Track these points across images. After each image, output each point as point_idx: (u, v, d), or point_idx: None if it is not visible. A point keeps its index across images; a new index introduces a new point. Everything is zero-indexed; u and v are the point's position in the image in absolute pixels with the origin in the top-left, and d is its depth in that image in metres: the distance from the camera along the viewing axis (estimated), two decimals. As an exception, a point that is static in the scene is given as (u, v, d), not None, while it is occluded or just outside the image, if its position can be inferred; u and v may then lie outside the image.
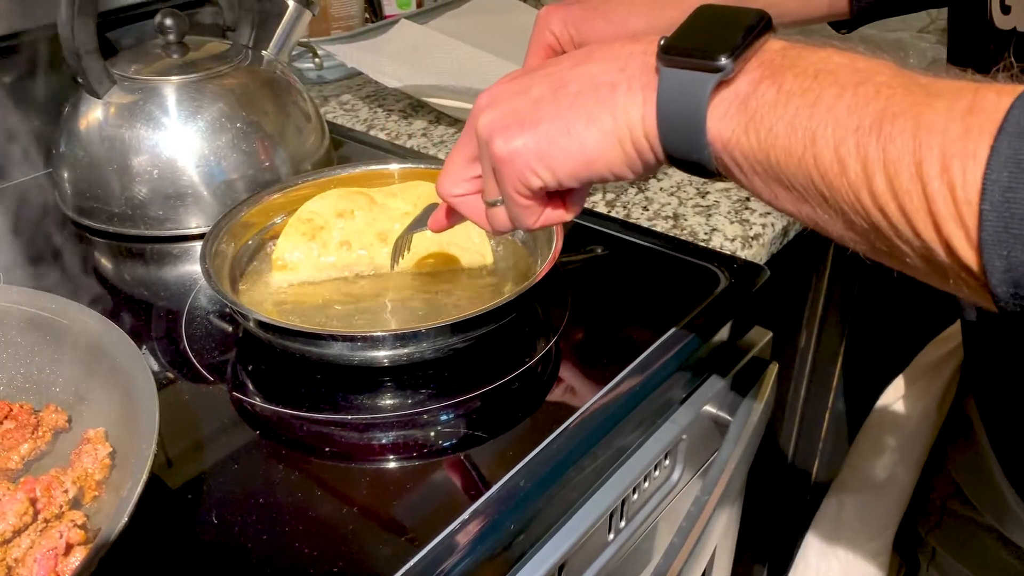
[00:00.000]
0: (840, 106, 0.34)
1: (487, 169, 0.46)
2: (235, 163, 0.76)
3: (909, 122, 0.32)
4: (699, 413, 0.63)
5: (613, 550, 0.58)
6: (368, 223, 0.68)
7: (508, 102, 0.44)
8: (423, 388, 0.58)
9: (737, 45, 0.38)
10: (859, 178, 0.34)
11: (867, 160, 0.33)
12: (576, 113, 0.42)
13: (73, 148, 0.77)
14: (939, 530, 0.76)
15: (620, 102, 0.41)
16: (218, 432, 0.55)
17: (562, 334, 0.63)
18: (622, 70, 0.42)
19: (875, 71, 0.35)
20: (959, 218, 0.31)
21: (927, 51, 1.15)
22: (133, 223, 0.76)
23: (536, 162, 0.43)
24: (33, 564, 0.43)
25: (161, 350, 0.63)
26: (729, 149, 0.38)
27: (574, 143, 0.42)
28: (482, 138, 0.45)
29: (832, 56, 0.37)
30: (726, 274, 0.68)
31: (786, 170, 0.36)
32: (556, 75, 0.44)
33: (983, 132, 0.31)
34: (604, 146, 0.42)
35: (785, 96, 0.36)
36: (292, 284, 0.66)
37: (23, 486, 0.47)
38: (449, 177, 0.50)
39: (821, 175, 0.35)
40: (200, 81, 0.76)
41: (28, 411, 0.53)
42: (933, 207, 0.32)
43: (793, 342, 1.02)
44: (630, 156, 0.42)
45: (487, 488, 0.49)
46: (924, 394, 0.79)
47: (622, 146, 0.42)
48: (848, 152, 0.34)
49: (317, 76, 1.12)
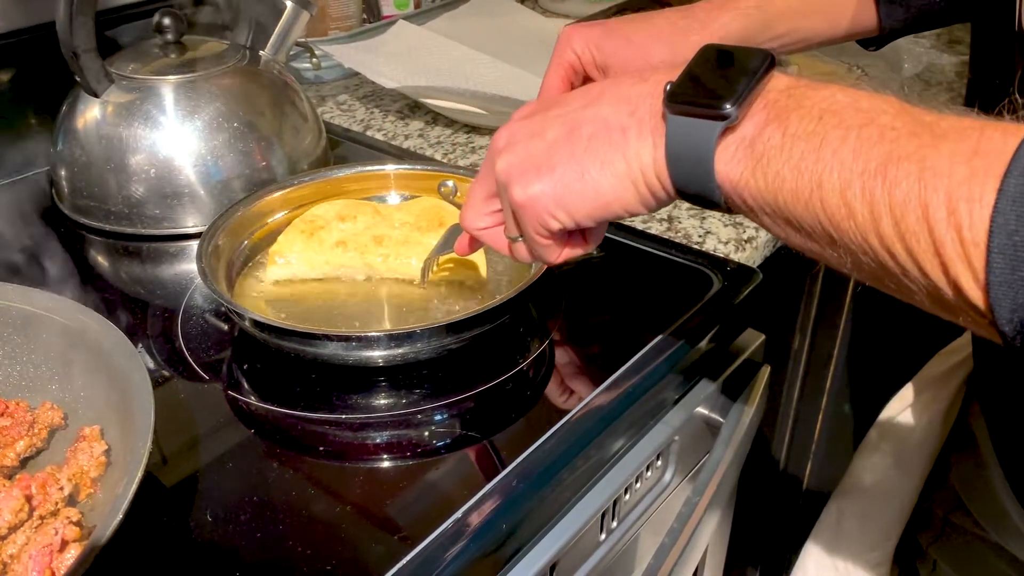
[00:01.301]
0: (845, 149, 0.35)
1: (507, 209, 0.48)
2: (232, 163, 0.76)
3: (914, 165, 0.33)
4: (691, 415, 0.63)
5: (604, 550, 0.58)
6: (367, 227, 0.68)
7: (524, 145, 0.45)
8: (417, 388, 0.58)
9: (741, 92, 0.38)
10: (866, 221, 0.34)
11: (874, 203, 0.33)
12: (590, 157, 0.43)
13: (70, 146, 0.77)
14: (940, 543, 0.76)
15: (631, 146, 0.42)
16: (213, 430, 0.56)
17: (556, 335, 0.63)
18: (632, 113, 0.42)
19: (879, 110, 0.35)
20: (967, 260, 0.31)
21: (922, 56, 1.16)
22: (130, 222, 0.76)
23: (554, 207, 0.44)
24: (28, 560, 0.43)
25: (157, 348, 0.63)
26: (738, 190, 0.39)
27: (589, 187, 0.43)
28: (500, 182, 0.46)
29: (836, 95, 0.37)
30: (719, 277, 0.68)
31: (794, 211, 0.37)
32: (569, 116, 0.45)
33: (988, 175, 0.31)
34: (618, 188, 0.43)
35: (791, 140, 0.37)
36: (284, 279, 0.67)
37: (19, 483, 0.47)
38: (471, 212, 0.51)
39: (828, 217, 0.35)
40: (197, 81, 0.76)
41: (24, 408, 0.54)
42: (940, 249, 0.32)
43: (786, 345, 1.02)
44: (644, 195, 0.43)
45: (480, 488, 0.50)
46: (930, 405, 0.79)
47: (636, 187, 0.43)
48: (854, 196, 0.34)
49: (314, 76, 1.12)
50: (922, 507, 0.79)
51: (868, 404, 1.08)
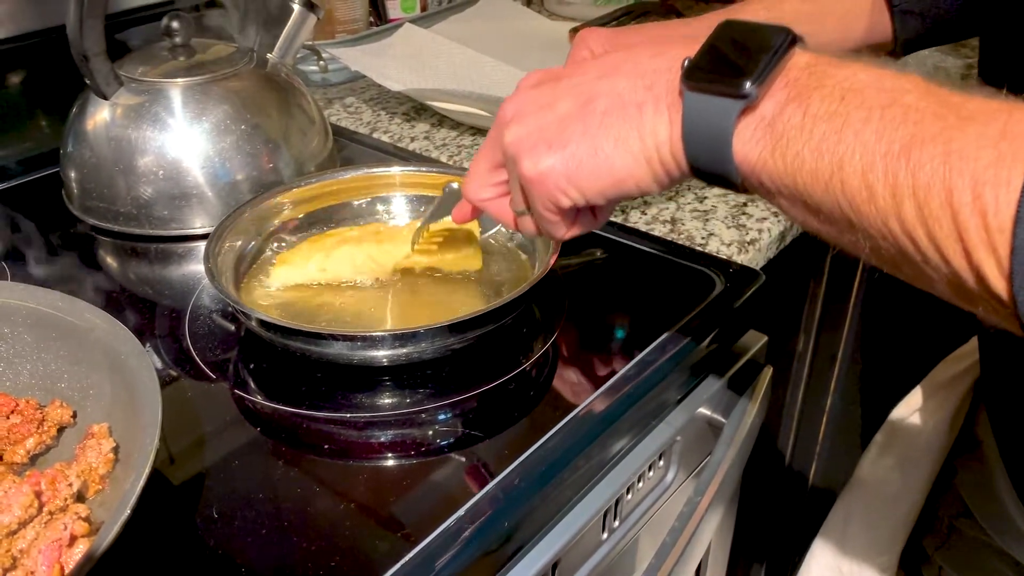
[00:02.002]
0: (868, 131, 0.34)
1: (515, 183, 0.46)
2: (239, 164, 0.77)
3: (939, 148, 0.32)
4: (693, 415, 0.64)
5: (606, 549, 0.59)
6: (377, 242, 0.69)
7: (534, 117, 0.44)
8: (421, 387, 0.59)
9: (762, 70, 0.37)
10: (888, 204, 0.33)
11: (896, 186, 0.32)
12: (604, 133, 0.42)
13: (80, 148, 0.78)
14: (946, 548, 0.75)
15: (647, 122, 0.41)
16: (219, 429, 0.56)
17: (559, 336, 0.64)
18: (649, 88, 0.41)
19: (903, 90, 0.34)
20: (991, 246, 0.30)
21: (927, 58, 1.16)
22: (138, 223, 0.77)
23: (566, 183, 0.43)
24: (38, 555, 0.44)
25: (165, 348, 0.64)
26: (755, 171, 0.38)
27: (603, 164, 0.42)
28: (509, 154, 0.45)
29: (858, 73, 0.36)
30: (722, 278, 0.69)
31: (813, 194, 0.36)
32: (583, 87, 0.43)
33: (1017, 159, 0.30)
34: (632, 166, 0.42)
35: (812, 120, 0.36)
36: (289, 285, 0.67)
37: (28, 479, 0.48)
38: (475, 182, 0.50)
39: (848, 201, 0.34)
40: (206, 83, 0.77)
41: (34, 406, 0.54)
42: (964, 234, 0.31)
43: (790, 347, 1.02)
44: (657, 173, 0.42)
45: (483, 486, 0.50)
46: (936, 411, 0.78)
47: (650, 164, 0.42)
48: (876, 178, 0.33)
49: (321, 79, 1.13)
50: (928, 512, 0.79)
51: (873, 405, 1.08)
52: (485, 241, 0.70)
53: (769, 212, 0.79)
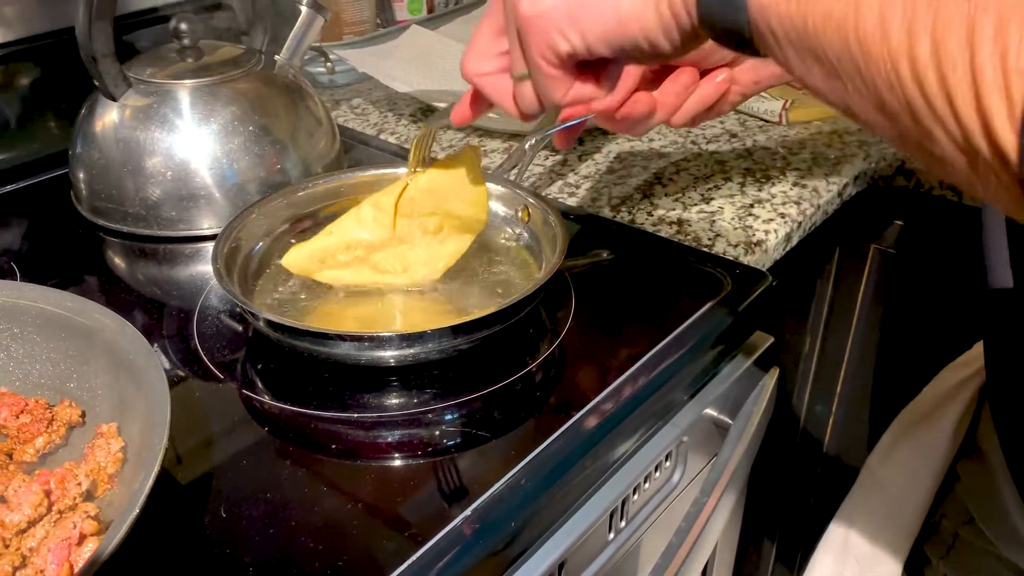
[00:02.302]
0: None
1: (513, 38, 0.44)
2: (247, 166, 0.77)
3: None
4: (700, 416, 0.64)
5: (613, 549, 0.59)
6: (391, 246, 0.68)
7: None
8: (428, 388, 0.59)
9: None
10: (901, 45, 0.31)
11: (914, 23, 0.31)
12: None
13: (89, 149, 0.78)
14: (950, 556, 0.75)
15: None
16: (227, 429, 0.57)
17: (565, 337, 0.64)
18: None
19: None
20: (1005, 89, 0.29)
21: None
22: (147, 223, 0.77)
23: (566, 23, 0.41)
24: (47, 553, 0.44)
25: (173, 348, 0.64)
26: (766, 14, 0.36)
27: (607, 2, 0.40)
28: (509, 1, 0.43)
29: None
30: (728, 280, 0.69)
31: (823, 38, 0.34)
32: None
33: None
34: (639, 6, 0.40)
35: None
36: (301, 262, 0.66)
37: (38, 478, 0.48)
38: (475, 53, 0.48)
39: (859, 41, 0.33)
40: (214, 85, 0.77)
41: (43, 406, 0.55)
42: (978, 76, 0.29)
43: (797, 348, 1.02)
44: (665, 19, 0.40)
45: (490, 486, 0.50)
46: (940, 419, 0.78)
47: (657, 7, 0.40)
48: (894, 14, 0.31)
49: (329, 80, 1.13)
50: (932, 520, 0.78)
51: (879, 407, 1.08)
52: (491, 240, 0.71)
53: (775, 213, 0.79)
